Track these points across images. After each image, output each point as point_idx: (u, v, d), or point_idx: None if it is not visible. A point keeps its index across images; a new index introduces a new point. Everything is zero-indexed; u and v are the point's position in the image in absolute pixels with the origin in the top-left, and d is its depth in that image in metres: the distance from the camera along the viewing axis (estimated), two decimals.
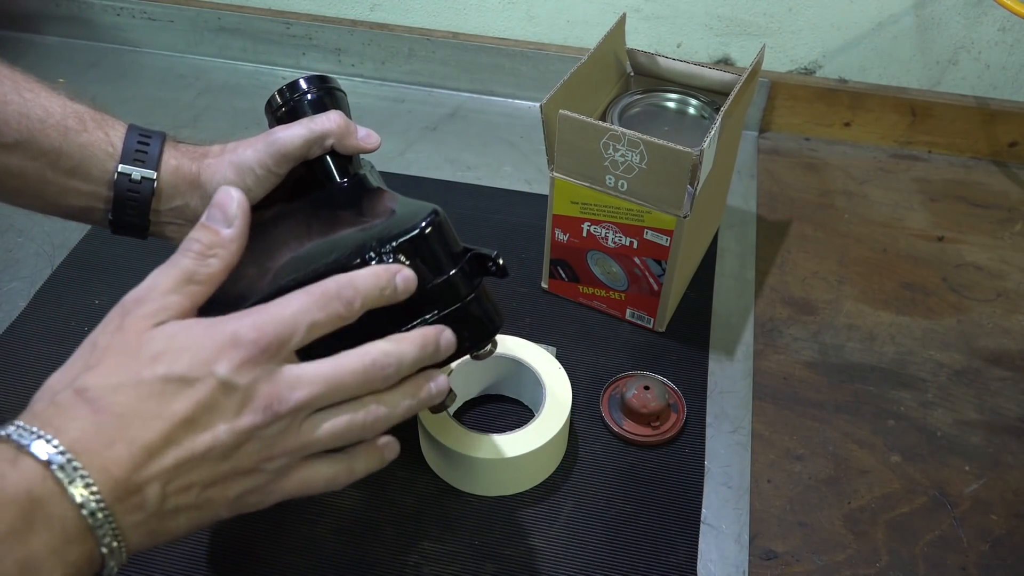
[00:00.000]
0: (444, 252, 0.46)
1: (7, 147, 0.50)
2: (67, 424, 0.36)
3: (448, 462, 0.62)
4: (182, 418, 0.37)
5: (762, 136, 1.00)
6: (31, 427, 0.36)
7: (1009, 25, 0.91)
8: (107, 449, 0.36)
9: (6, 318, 0.74)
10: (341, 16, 1.05)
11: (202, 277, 0.42)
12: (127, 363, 0.38)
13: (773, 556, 0.61)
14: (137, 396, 0.37)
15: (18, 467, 0.35)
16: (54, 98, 0.52)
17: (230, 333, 0.39)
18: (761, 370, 0.73)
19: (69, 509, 0.35)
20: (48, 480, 0.35)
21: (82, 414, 0.36)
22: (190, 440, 0.38)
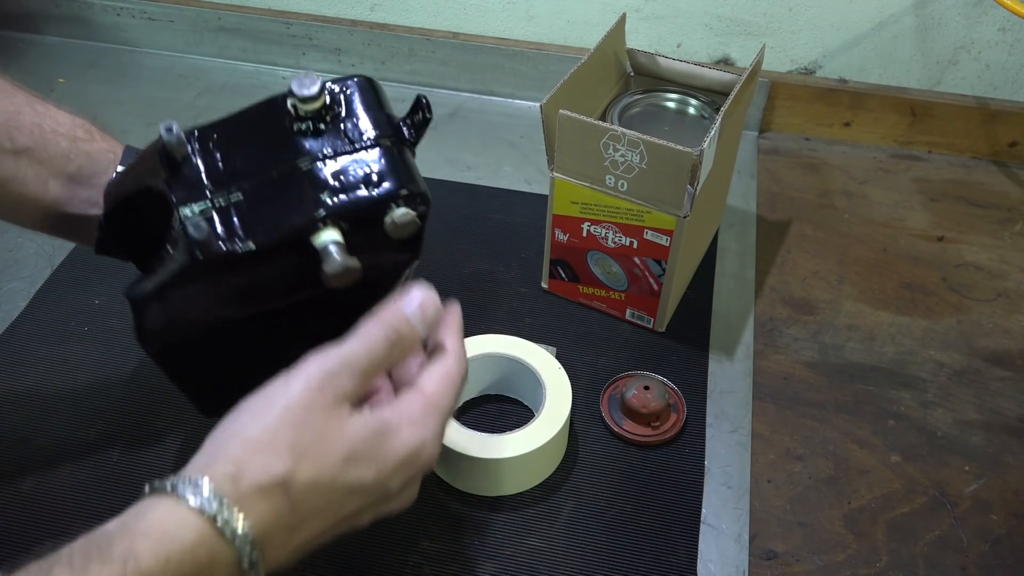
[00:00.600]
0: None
1: (17, 153, 0.51)
2: (266, 519, 0.38)
3: (448, 462, 0.62)
4: (346, 517, 0.42)
5: (762, 136, 1.00)
6: (233, 510, 0.37)
7: (1009, 25, 0.91)
8: (284, 545, 0.39)
9: (6, 318, 0.74)
10: (341, 16, 1.05)
11: (390, 362, 0.44)
12: (328, 463, 0.40)
13: (773, 556, 0.61)
14: (328, 498, 0.40)
15: (216, 556, 0.37)
16: (63, 112, 0.54)
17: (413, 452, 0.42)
18: (761, 370, 0.73)
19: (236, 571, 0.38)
20: (234, 568, 0.38)
21: (281, 512, 0.39)
22: (342, 526, 0.42)
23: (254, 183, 0.45)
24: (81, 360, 0.71)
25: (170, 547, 0.36)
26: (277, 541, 0.39)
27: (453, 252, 0.82)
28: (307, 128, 0.46)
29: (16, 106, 0.52)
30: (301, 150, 0.46)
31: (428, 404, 0.43)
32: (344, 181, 0.45)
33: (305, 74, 0.46)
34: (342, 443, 0.40)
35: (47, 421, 0.66)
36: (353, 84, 0.48)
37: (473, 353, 0.66)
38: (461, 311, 0.48)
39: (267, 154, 0.46)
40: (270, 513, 0.38)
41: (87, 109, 0.55)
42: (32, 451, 0.64)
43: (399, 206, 0.45)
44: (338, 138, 0.46)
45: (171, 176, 0.46)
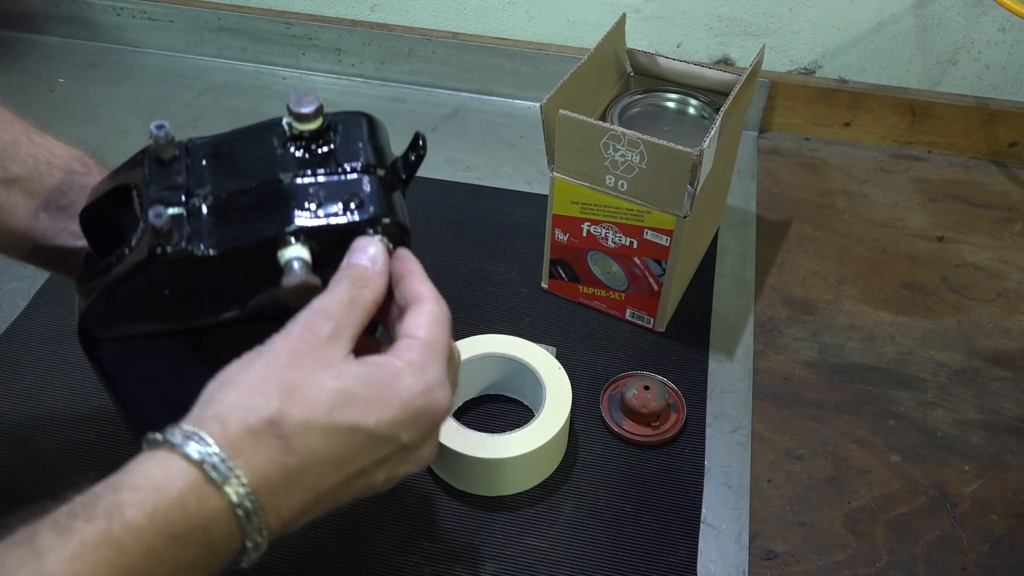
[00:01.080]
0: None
1: (10, 182, 0.51)
2: (259, 464, 0.37)
3: (448, 462, 0.62)
4: (361, 470, 0.39)
5: (762, 136, 1.00)
6: (223, 456, 0.36)
7: (1009, 25, 0.91)
8: (286, 495, 0.37)
9: (6, 318, 0.74)
10: (341, 16, 1.05)
11: (360, 304, 0.42)
12: (318, 401, 0.38)
13: (773, 556, 0.61)
14: (324, 441, 0.38)
15: (207, 504, 0.35)
16: (60, 144, 0.53)
17: (418, 396, 0.40)
18: (761, 370, 0.73)
19: (236, 540, 0.37)
20: (231, 521, 0.36)
21: (273, 450, 0.37)
22: (353, 485, 0.40)
23: (231, 191, 0.44)
24: (81, 360, 0.70)
25: (157, 497, 0.34)
26: (276, 487, 0.37)
27: (453, 252, 0.82)
28: (299, 147, 0.45)
29: (12, 136, 0.52)
30: (287, 166, 0.45)
31: (424, 346, 0.41)
32: (323, 201, 0.44)
33: (305, 91, 0.44)
34: (334, 380, 0.38)
35: (47, 421, 0.66)
36: (354, 117, 0.47)
37: (473, 353, 0.66)
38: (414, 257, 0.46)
39: (252, 167, 0.45)
40: (262, 455, 0.37)
41: (87, 109, 0.55)
42: (32, 451, 0.64)
43: (375, 233, 0.44)
44: (327, 161, 0.45)
45: (151, 175, 0.45)
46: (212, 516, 0.35)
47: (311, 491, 0.38)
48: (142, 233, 0.43)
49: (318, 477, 0.38)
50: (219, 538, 0.36)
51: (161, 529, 0.34)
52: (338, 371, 0.39)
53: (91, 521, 0.33)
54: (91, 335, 0.47)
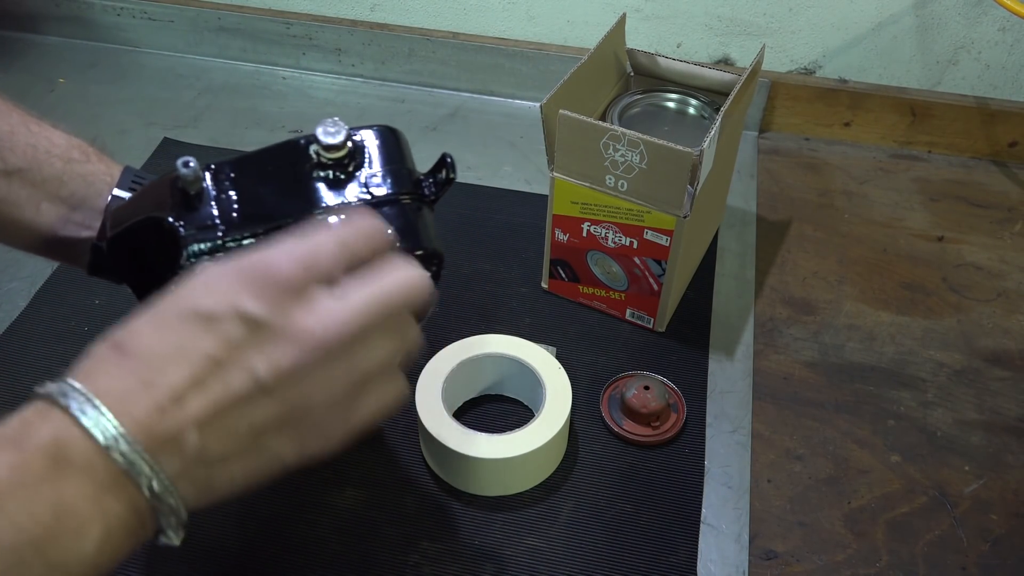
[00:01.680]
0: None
1: (9, 174, 0.50)
2: (94, 368, 0.36)
3: (448, 462, 0.62)
4: (208, 358, 0.35)
5: (762, 136, 1.00)
6: (67, 380, 0.35)
7: (1009, 25, 0.91)
8: (133, 394, 0.35)
9: (6, 318, 0.74)
10: (341, 16, 1.05)
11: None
12: (154, 305, 0.37)
13: (773, 556, 0.61)
14: (159, 336, 0.36)
15: (47, 418, 0.34)
16: (58, 133, 0.53)
17: (255, 263, 0.37)
18: (761, 370, 0.73)
19: (94, 452, 0.34)
20: (73, 426, 0.34)
21: (108, 357, 0.36)
22: (221, 381, 0.36)
23: (267, 228, 0.44)
24: None
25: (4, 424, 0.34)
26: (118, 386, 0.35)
27: (453, 252, 0.82)
28: (327, 176, 0.46)
29: (10, 126, 0.51)
30: (318, 199, 0.45)
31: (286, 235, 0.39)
32: None
33: (332, 121, 0.45)
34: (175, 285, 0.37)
35: None
36: (377, 134, 0.48)
37: (473, 353, 0.66)
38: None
39: (283, 200, 0.45)
40: (93, 363, 0.35)
41: (87, 109, 0.55)
42: None
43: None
44: (357, 190, 0.46)
45: (182, 211, 0.45)
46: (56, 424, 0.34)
47: (162, 387, 0.35)
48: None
49: (164, 373, 0.35)
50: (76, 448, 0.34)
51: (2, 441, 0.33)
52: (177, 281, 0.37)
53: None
54: None
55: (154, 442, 0.35)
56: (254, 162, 0.47)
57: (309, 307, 0.37)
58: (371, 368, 0.39)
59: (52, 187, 0.51)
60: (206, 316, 0.36)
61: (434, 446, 0.62)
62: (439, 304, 0.50)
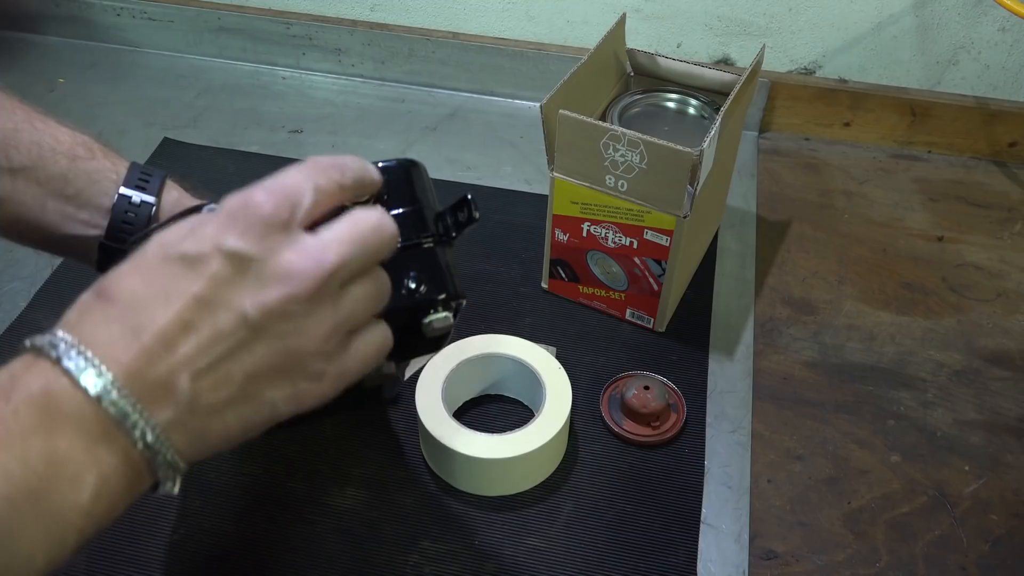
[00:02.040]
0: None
1: (14, 172, 0.50)
2: (79, 318, 0.35)
3: (448, 462, 0.62)
4: (194, 298, 0.35)
5: (762, 136, 1.00)
6: (55, 331, 0.35)
7: (1009, 25, 0.91)
8: (119, 340, 0.34)
9: (6, 318, 0.74)
10: (341, 16, 1.05)
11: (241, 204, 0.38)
12: (138, 252, 0.36)
13: (773, 556, 0.61)
14: (142, 281, 0.35)
15: (33, 368, 0.34)
16: (63, 129, 0.53)
17: (237, 202, 0.36)
18: (761, 370, 0.73)
19: (85, 402, 0.33)
20: (62, 376, 0.33)
21: (93, 306, 0.35)
22: (209, 322, 0.35)
23: None
24: None
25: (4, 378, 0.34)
26: (103, 334, 0.34)
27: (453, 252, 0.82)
28: None
29: (14, 123, 0.51)
30: None
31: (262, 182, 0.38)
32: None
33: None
34: (162, 233, 0.37)
35: None
36: (395, 171, 0.47)
37: (473, 353, 0.66)
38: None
39: None
40: (78, 312, 0.35)
41: (87, 109, 0.55)
42: None
43: (437, 311, 0.46)
44: None
45: None
46: (44, 375, 0.34)
47: (148, 331, 0.34)
48: None
49: (149, 316, 0.34)
50: (66, 398, 0.33)
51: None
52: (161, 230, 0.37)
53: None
54: None
55: (145, 389, 0.34)
56: None
57: (293, 243, 0.37)
58: (356, 310, 0.39)
59: (57, 185, 0.51)
60: (191, 257, 0.35)
61: (434, 446, 0.62)
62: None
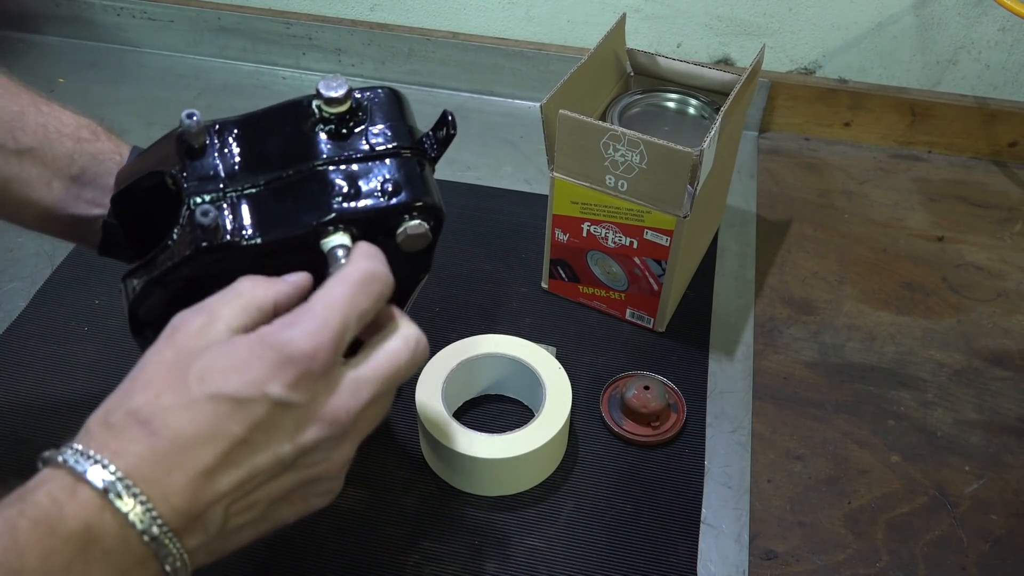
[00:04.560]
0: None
1: (20, 153, 0.51)
2: (124, 448, 0.36)
3: (448, 462, 0.62)
4: (237, 439, 0.37)
5: (762, 136, 1.00)
6: (88, 451, 0.35)
7: (1009, 25, 0.91)
8: (166, 477, 0.35)
9: (6, 318, 0.74)
10: (341, 16, 1.05)
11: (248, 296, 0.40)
12: (176, 382, 0.37)
13: (773, 556, 0.61)
14: (190, 419, 0.36)
15: (76, 498, 0.34)
16: (68, 112, 0.54)
17: (281, 348, 0.37)
18: (761, 370, 0.73)
19: (131, 538, 0.35)
20: (106, 511, 0.34)
21: (137, 436, 0.36)
22: (249, 460, 0.37)
23: (268, 179, 0.45)
24: (81, 360, 0.71)
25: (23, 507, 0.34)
26: (151, 471, 0.35)
27: (453, 252, 0.82)
28: (329, 131, 0.46)
29: (20, 106, 0.52)
30: (319, 152, 0.45)
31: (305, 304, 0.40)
32: (359, 187, 0.45)
33: (333, 76, 0.45)
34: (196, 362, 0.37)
35: (47, 421, 0.66)
36: (380, 94, 0.48)
37: (473, 353, 0.66)
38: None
39: (285, 153, 0.46)
40: (127, 443, 0.35)
41: (87, 109, 0.55)
42: (32, 451, 0.63)
43: (413, 218, 0.45)
44: (358, 144, 0.46)
45: (186, 164, 0.46)
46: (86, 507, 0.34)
47: (195, 469, 0.36)
48: (185, 227, 0.44)
49: (195, 455, 0.36)
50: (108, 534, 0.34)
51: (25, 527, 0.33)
52: (201, 353, 0.38)
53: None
54: (142, 323, 0.47)
55: (182, 522, 0.36)
56: (258, 119, 0.47)
57: (334, 388, 0.39)
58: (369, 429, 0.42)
59: (62, 165, 0.52)
60: (237, 400, 0.37)
61: (434, 446, 0.62)
62: (439, 304, 0.50)
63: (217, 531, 0.37)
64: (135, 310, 0.47)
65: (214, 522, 0.37)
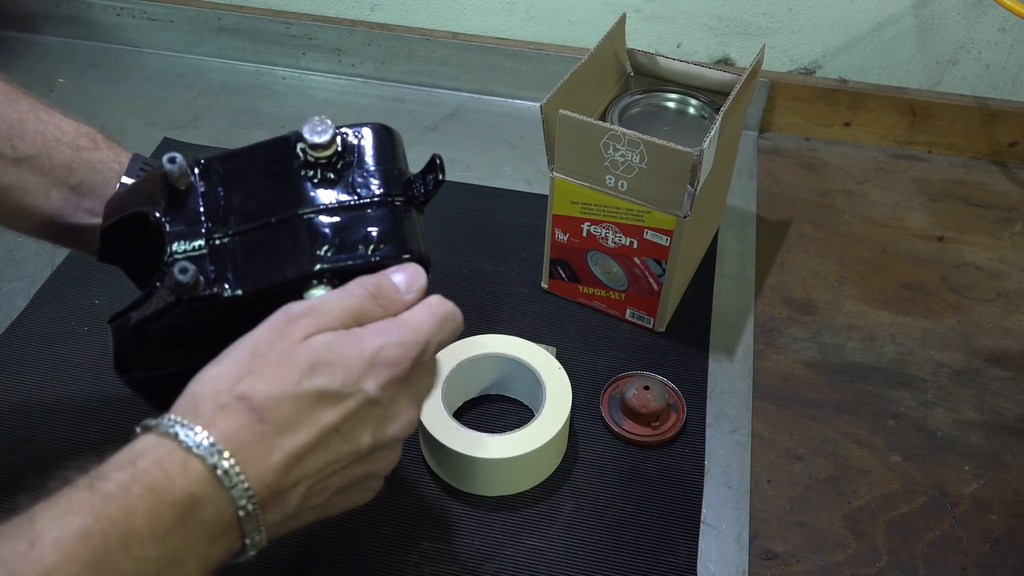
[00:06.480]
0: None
1: (19, 161, 0.51)
2: (231, 430, 0.38)
3: (448, 462, 0.62)
4: (331, 427, 0.40)
5: (762, 136, 1.00)
6: (194, 426, 0.38)
7: (1009, 25, 0.91)
8: (266, 457, 0.38)
9: (6, 318, 0.74)
10: (341, 16, 1.05)
11: (366, 319, 0.43)
12: (287, 374, 0.39)
13: (773, 556, 0.61)
14: (296, 408, 0.39)
15: (186, 470, 0.37)
16: (67, 120, 0.53)
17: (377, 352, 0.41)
18: (761, 370, 0.73)
19: (227, 511, 0.37)
20: (211, 484, 0.37)
21: (246, 422, 0.38)
22: (336, 447, 0.40)
23: (251, 226, 0.44)
24: (81, 360, 0.71)
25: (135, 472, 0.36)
26: (253, 452, 0.38)
27: (453, 252, 0.82)
28: (314, 175, 0.45)
29: (19, 113, 0.52)
30: (305, 198, 0.45)
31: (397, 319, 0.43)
32: (344, 237, 0.44)
33: (319, 120, 0.45)
34: (304, 356, 0.40)
35: (47, 421, 0.66)
36: (369, 132, 0.47)
37: (473, 353, 0.66)
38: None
39: (269, 197, 0.45)
40: (233, 424, 0.38)
41: (87, 109, 0.55)
42: (32, 451, 0.64)
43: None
44: (345, 190, 0.45)
45: (169, 206, 0.45)
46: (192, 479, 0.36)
47: (290, 452, 0.39)
48: (166, 277, 0.44)
49: (294, 439, 0.39)
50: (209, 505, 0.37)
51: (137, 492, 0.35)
52: (312, 345, 0.40)
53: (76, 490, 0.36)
54: (126, 373, 0.48)
55: (270, 500, 0.39)
56: (243, 158, 0.47)
57: (412, 392, 0.44)
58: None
59: (61, 174, 0.52)
60: (339, 394, 0.40)
61: (434, 446, 0.62)
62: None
63: (294, 510, 0.40)
64: (119, 355, 0.47)
65: (293, 501, 0.40)
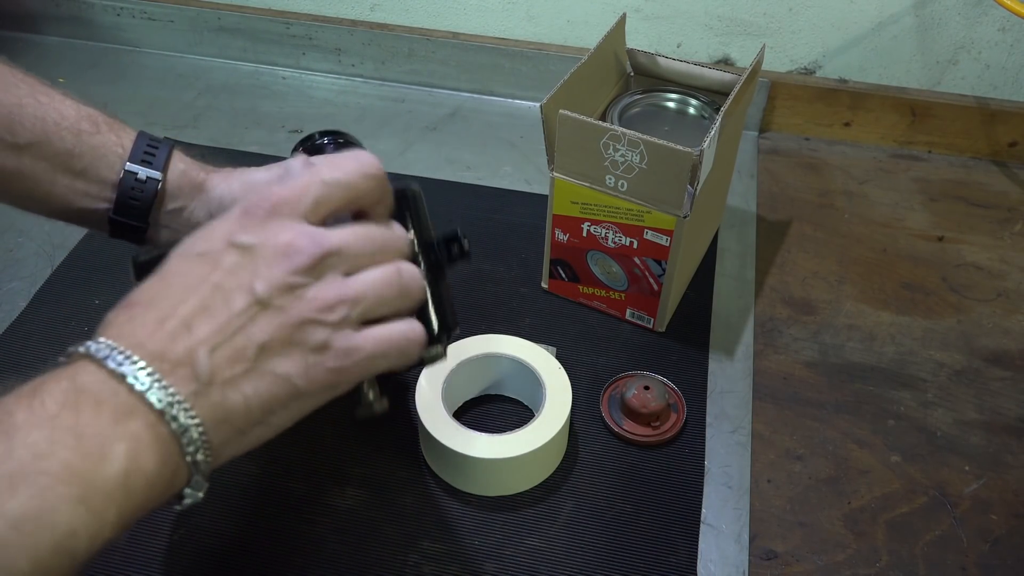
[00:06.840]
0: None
1: (20, 148, 0.50)
2: (109, 324, 0.38)
3: (448, 462, 0.62)
4: (211, 285, 0.39)
5: (762, 136, 1.00)
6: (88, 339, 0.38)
7: (1009, 25, 0.91)
8: (140, 328, 0.37)
9: (6, 318, 0.74)
10: (341, 16, 1.05)
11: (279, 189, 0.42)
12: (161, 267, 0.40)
13: (773, 556, 0.61)
14: (163, 283, 0.39)
15: (61, 370, 0.37)
16: (68, 102, 0.53)
17: (241, 207, 0.41)
18: (761, 370, 0.73)
19: (109, 380, 0.36)
20: (89, 364, 0.36)
21: (122, 314, 0.38)
22: (225, 305, 0.38)
23: None
24: None
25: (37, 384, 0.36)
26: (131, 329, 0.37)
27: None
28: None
29: (18, 98, 0.51)
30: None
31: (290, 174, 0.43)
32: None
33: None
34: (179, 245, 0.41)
35: None
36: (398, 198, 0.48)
37: (473, 353, 0.66)
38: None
39: None
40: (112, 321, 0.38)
41: None
42: None
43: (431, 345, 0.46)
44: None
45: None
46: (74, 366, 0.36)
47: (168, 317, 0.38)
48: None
49: (172, 304, 0.38)
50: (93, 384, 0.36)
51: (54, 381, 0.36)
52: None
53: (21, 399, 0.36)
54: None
55: (167, 367, 0.37)
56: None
57: (293, 227, 0.40)
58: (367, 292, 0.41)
59: (64, 160, 0.51)
60: (206, 254, 0.40)
61: (434, 446, 0.62)
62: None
63: (208, 377, 0.37)
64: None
65: (201, 366, 0.37)
